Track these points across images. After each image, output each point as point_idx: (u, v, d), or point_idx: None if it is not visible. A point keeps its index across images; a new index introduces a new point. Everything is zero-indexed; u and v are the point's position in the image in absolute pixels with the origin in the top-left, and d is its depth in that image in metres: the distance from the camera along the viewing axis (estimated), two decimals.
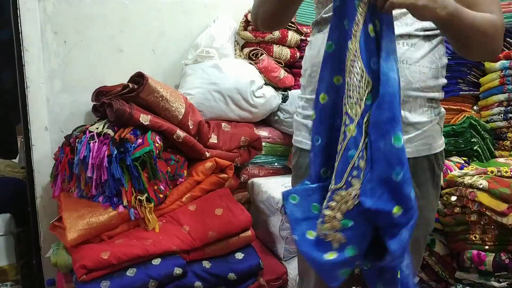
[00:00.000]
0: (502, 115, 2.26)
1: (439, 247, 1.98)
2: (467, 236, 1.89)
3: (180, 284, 1.72)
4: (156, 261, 1.70)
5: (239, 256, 1.85)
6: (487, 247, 1.84)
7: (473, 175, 1.92)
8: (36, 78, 2.11)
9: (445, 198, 1.96)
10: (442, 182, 1.79)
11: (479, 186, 1.82)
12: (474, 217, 1.85)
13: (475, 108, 2.38)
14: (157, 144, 1.84)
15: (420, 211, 1.23)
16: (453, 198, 1.92)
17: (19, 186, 2.40)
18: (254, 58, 2.34)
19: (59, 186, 1.92)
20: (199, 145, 2.02)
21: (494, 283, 1.82)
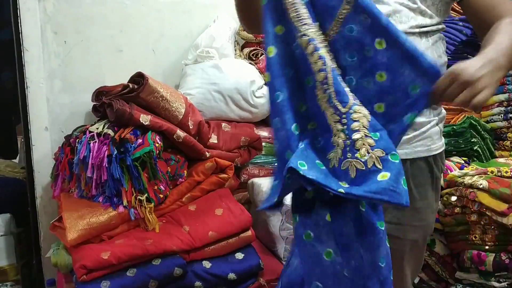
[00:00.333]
0: (502, 115, 2.26)
1: (439, 247, 1.98)
2: (467, 236, 1.89)
3: (180, 284, 1.72)
4: (156, 261, 1.70)
5: (239, 256, 1.85)
6: (487, 247, 1.84)
7: (473, 175, 1.92)
8: (36, 78, 2.11)
9: (445, 198, 1.96)
10: (442, 183, 1.80)
11: (479, 186, 1.82)
12: (474, 217, 1.85)
13: None
14: (157, 144, 1.84)
15: (418, 212, 1.22)
16: (453, 198, 1.92)
17: (19, 186, 2.40)
18: (254, 58, 2.33)
19: (59, 186, 1.92)
20: (199, 145, 2.02)
21: (494, 283, 1.82)
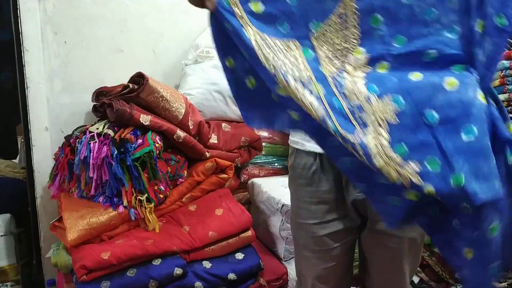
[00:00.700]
0: None
1: None
2: None
3: (180, 284, 1.72)
4: (157, 261, 1.70)
5: (239, 256, 1.85)
6: None
7: None
8: (36, 78, 2.11)
9: None
10: None
11: None
12: None
13: None
14: (157, 145, 1.84)
15: None
16: None
17: (20, 186, 2.40)
18: None
19: (57, 186, 1.92)
20: (199, 145, 2.02)
21: (495, 283, 1.82)
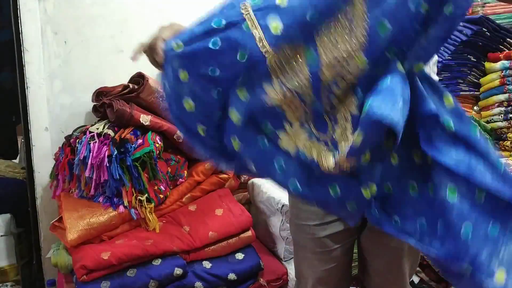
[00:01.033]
0: (502, 115, 2.26)
1: None
2: None
3: (180, 285, 1.72)
4: (157, 262, 1.70)
5: (239, 256, 1.85)
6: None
7: None
8: (36, 78, 2.11)
9: None
10: None
11: None
12: None
13: (475, 108, 2.38)
14: (157, 145, 1.84)
15: None
16: None
17: (20, 187, 2.40)
18: None
19: (59, 186, 1.92)
20: None
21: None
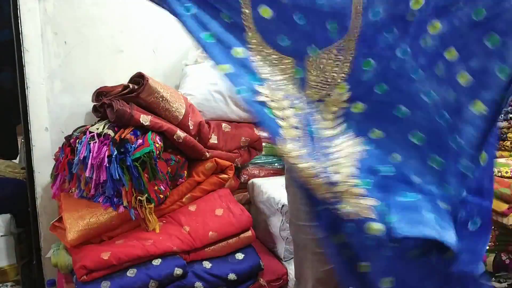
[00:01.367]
0: (502, 115, 2.26)
1: None
2: None
3: (180, 285, 1.72)
4: (157, 262, 1.70)
5: (239, 256, 1.85)
6: (487, 247, 1.84)
7: None
8: (36, 78, 2.11)
9: None
10: None
11: None
12: None
13: None
14: (157, 145, 1.84)
15: None
16: None
17: (20, 187, 2.40)
18: None
19: (59, 186, 1.92)
20: (200, 145, 2.02)
21: (495, 284, 1.82)
